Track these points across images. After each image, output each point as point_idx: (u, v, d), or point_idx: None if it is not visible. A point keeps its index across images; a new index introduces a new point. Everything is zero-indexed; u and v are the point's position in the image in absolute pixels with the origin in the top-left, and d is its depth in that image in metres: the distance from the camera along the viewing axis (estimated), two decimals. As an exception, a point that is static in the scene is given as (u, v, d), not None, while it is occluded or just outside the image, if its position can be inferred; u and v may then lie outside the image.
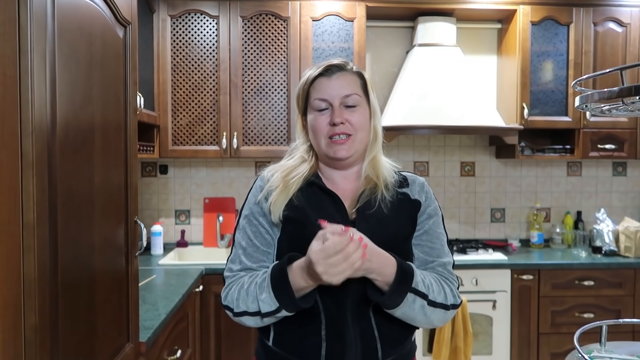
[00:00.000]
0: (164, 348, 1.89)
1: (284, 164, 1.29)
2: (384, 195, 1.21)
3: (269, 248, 1.22)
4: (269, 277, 1.12)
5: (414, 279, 1.12)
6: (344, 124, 1.20)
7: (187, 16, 2.88)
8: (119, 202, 1.40)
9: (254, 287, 1.14)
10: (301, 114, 1.28)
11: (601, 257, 2.92)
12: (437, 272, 1.22)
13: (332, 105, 1.21)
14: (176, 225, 3.24)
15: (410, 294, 1.11)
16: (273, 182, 1.23)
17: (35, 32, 0.95)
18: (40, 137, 0.96)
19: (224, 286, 1.22)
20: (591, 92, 0.83)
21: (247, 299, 1.14)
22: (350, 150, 1.21)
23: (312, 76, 1.23)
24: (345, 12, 2.91)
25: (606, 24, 3.01)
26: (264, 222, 1.23)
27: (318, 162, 1.28)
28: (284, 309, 1.10)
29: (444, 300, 1.17)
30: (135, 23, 1.51)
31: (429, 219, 1.26)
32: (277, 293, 1.10)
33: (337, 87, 1.21)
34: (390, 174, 1.26)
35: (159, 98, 2.86)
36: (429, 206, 1.27)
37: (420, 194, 1.26)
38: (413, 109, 2.89)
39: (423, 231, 1.25)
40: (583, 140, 3.02)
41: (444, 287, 1.19)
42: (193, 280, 2.41)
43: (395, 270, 1.10)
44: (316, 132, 1.22)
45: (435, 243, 1.24)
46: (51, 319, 1.01)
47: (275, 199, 1.20)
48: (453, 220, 3.34)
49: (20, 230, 0.93)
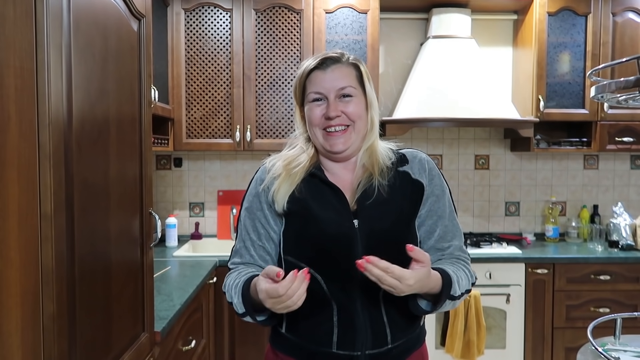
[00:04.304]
0: (178, 338, 1.92)
1: (285, 153, 1.29)
2: (380, 181, 1.21)
3: (267, 241, 1.25)
4: (241, 285, 1.18)
5: (453, 288, 1.15)
6: (339, 116, 1.20)
7: (200, 9, 2.89)
8: (134, 194, 1.41)
9: (234, 286, 1.20)
10: (299, 105, 1.28)
11: (618, 252, 2.88)
12: (456, 257, 1.25)
13: (327, 99, 1.21)
14: (190, 217, 3.27)
15: (448, 300, 1.16)
16: (275, 171, 1.25)
17: (52, 26, 0.96)
18: (57, 129, 0.98)
19: (227, 274, 1.28)
20: (607, 82, 0.82)
21: (232, 293, 1.21)
22: (347, 142, 1.21)
23: (307, 69, 1.23)
24: (358, 4, 2.90)
25: (625, 14, 2.95)
26: (262, 216, 1.25)
27: (318, 153, 1.28)
28: (249, 315, 1.17)
29: (468, 286, 1.22)
30: (150, 16, 1.52)
31: (437, 201, 1.25)
32: (244, 301, 1.16)
33: (331, 80, 1.20)
34: (386, 156, 1.25)
35: (173, 91, 2.88)
36: (435, 185, 1.26)
37: (422, 173, 1.25)
38: (427, 101, 2.87)
39: (437, 217, 1.25)
40: (600, 133, 2.97)
41: (467, 272, 1.23)
42: (207, 272, 2.43)
43: (440, 287, 1.13)
44: (312, 123, 1.23)
45: (448, 226, 1.26)
46: (68, 307, 1.03)
47: (278, 187, 1.22)
48: (467, 213, 3.32)
49: (38, 221, 0.95)
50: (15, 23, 0.93)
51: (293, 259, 1.21)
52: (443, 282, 1.13)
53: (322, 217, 1.19)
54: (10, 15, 0.93)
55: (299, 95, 1.26)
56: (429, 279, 1.09)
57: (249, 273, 1.21)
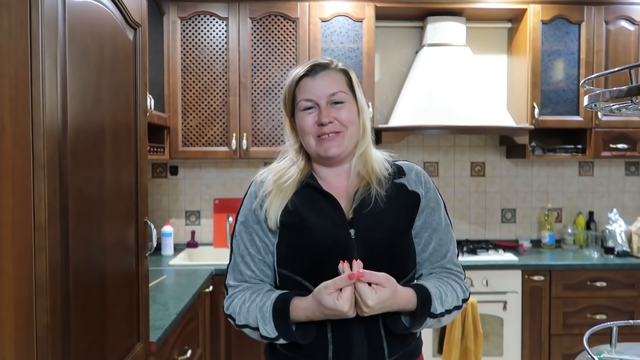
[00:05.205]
0: (174, 348, 1.90)
1: (275, 166, 1.27)
2: (378, 191, 1.20)
3: (266, 255, 1.22)
4: (271, 306, 1.13)
5: (432, 305, 1.13)
6: (332, 122, 1.19)
7: (196, 18, 2.90)
8: (129, 203, 1.41)
9: (254, 307, 1.15)
10: (289, 116, 1.27)
11: (614, 258, 2.89)
12: (447, 269, 1.24)
13: (318, 105, 1.20)
14: (186, 226, 3.26)
15: (429, 318, 1.14)
16: (266, 187, 1.23)
17: (47, 35, 0.96)
18: (51, 139, 0.97)
19: (227, 296, 1.23)
20: (600, 91, 0.82)
21: (247, 316, 1.16)
22: (340, 147, 1.20)
23: (297, 77, 1.22)
24: (354, 13, 2.91)
25: (618, 22, 2.98)
26: (259, 229, 1.22)
27: (310, 162, 1.27)
28: (282, 338, 1.13)
29: (457, 303, 1.19)
30: (146, 25, 1.52)
31: (432, 213, 1.25)
32: (277, 323, 1.12)
33: (322, 86, 1.20)
34: (383, 166, 1.24)
35: (169, 99, 2.88)
36: (430, 198, 1.25)
37: (418, 185, 1.25)
38: (423, 109, 2.88)
39: (432, 229, 1.24)
40: (595, 140, 2.99)
41: (456, 289, 1.21)
42: (203, 281, 2.42)
43: (415, 304, 1.12)
44: (304, 132, 1.21)
45: (443, 239, 1.25)
46: (62, 318, 1.02)
47: (270, 204, 1.20)
48: (463, 220, 3.33)
49: (32, 231, 0.95)
50: (10, 32, 0.93)
51: (287, 272, 1.19)
52: (419, 300, 1.12)
53: (317, 226, 1.17)
54: (5, 24, 0.92)
55: (289, 105, 1.25)
56: (393, 298, 1.08)
57: (266, 292, 1.17)
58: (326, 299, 1.05)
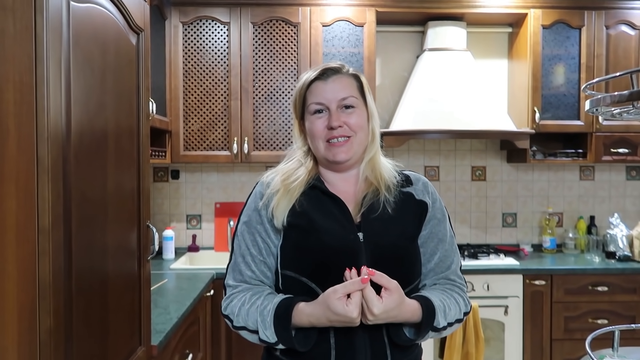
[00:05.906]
0: (175, 351, 1.90)
1: (282, 167, 1.27)
2: (386, 197, 1.20)
3: (268, 256, 1.21)
4: (273, 310, 1.12)
5: (436, 319, 1.13)
6: (342, 127, 1.19)
7: (198, 23, 2.91)
8: (131, 207, 1.41)
9: (254, 310, 1.14)
10: (298, 119, 1.27)
11: (615, 262, 2.89)
12: (451, 281, 1.24)
13: (329, 109, 1.20)
14: (188, 229, 3.26)
15: (431, 331, 1.15)
16: (273, 187, 1.22)
17: (51, 40, 0.97)
18: (55, 143, 0.98)
19: (225, 296, 1.22)
20: (601, 96, 0.83)
21: (247, 318, 1.15)
22: (349, 152, 1.20)
23: (308, 80, 1.22)
24: (355, 18, 2.92)
25: (618, 27, 2.98)
26: (262, 230, 1.21)
27: (317, 165, 1.27)
28: (281, 343, 1.12)
29: (459, 316, 1.20)
30: (148, 30, 1.53)
31: (439, 224, 1.25)
32: (277, 328, 1.11)
33: (333, 90, 1.20)
34: (391, 174, 1.25)
35: (171, 104, 2.89)
36: (437, 209, 1.26)
37: (425, 195, 1.25)
38: (424, 113, 2.89)
39: (438, 239, 1.24)
40: (596, 144, 2.99)
41: (459, 302, 1.21)
42: (204, 285, 2.42)
43: (419, 317, 1.12)
44: (314, 136, 1.21)
45: (448, 250, 1.25)
46: (65, 321, 1.03)
47: (277, 204, 1.19)
48: (464, 225, 3.33)
49: (36, 235, 0.95)
50: (15, 38, 0.93)
51: (293, 274, 1.18)
52: (424, 313, 1.12)
53: (324, 228, 1.16)
54: (10, 30, 0.93)
55: (299, 108, 1.25)
56: (399, 309, 1.07)
57: (267, 295, 1.16)
58: (335, 304, 1.04)
